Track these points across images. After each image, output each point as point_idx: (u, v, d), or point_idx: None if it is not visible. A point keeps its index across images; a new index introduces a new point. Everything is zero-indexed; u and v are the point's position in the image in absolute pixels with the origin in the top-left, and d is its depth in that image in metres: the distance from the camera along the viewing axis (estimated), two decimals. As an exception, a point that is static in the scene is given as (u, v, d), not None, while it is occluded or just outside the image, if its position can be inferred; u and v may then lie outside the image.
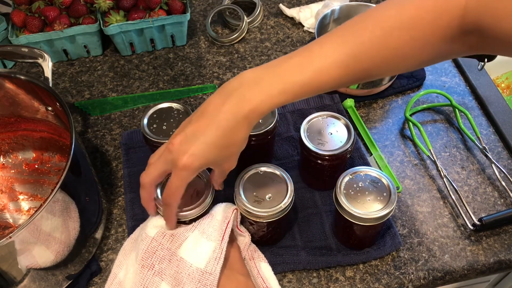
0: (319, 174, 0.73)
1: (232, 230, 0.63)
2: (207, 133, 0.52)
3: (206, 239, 0.60)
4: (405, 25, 0.51)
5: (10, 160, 0.79)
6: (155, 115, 0.71)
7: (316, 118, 0.71)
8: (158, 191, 0.63)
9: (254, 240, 0.69)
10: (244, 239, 0.65)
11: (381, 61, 0.53)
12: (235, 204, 0.63)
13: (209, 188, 0.63)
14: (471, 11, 0.48)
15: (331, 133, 0.69)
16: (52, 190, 0.55)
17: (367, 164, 0.77)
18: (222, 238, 0.60)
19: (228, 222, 0.61)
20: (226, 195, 0.74)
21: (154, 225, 0.62)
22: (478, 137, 0.81)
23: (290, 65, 0.52)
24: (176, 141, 0.54)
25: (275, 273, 0.66)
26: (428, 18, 0.50)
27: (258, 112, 0.52)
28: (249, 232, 0.66)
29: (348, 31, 0.53)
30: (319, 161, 0.69)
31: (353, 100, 0.86)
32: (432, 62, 0.56)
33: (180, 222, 0.62)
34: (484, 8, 0.47)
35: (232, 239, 0.64)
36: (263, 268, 0.65)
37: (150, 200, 0.60)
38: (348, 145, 0.68)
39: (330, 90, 0.55)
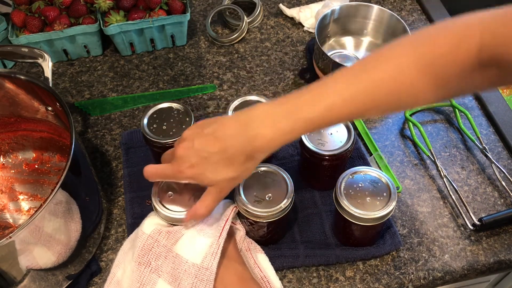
0: (319, 174, 0.73)
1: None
2: (215, 157, 0.55)
3: (202, 236, 0.60)
4: (421, 62, 0.50)
5: (10, 160, 0.79)
6: (155, 115, 0.71)
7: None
8: (158, 192, 0.63)
9: (254, 240, 0.69)
10: (240, 232, 0.65)
11: (397, 98, 0.52)
12: (234, 202, 0.63)
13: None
14: (487, 45, 0.47)
15: (331, 133, 0.69)
16: (52, 190, 0.55)
17: (367, 164, 0.77)
18: (220, 235, 0.60)
19: (227, 220, 0.61)
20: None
21: (151, 223, 0.62)
22: (478, 137, 0.81)
23: (303, 101, 0.53)
24: (182, 147, 0.56)
25: (274, 270, 0.66)
26: (445, 54, 0.49)
27: (269, 148, 0.55)
28: (249, 232, 0.66)
29: (362, 68, 0.53)
30: (319, 161, 0.69)
31: (353, 100, 0.86)
32: (451, 96, 0.55)
33: (176, 221, 0.62)
34: (501, 41, 0.46)
35: (229, 232, 0.64)
36: (259, 259, 0.66)
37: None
38: (348, 145, 0.68)
39: (340, 123, 0.55)
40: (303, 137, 0.68)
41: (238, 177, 0.57)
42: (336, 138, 0.69)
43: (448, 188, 0.75)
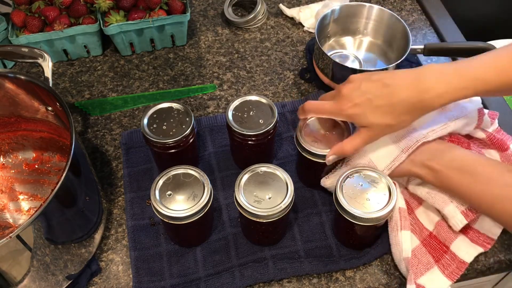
0: (318, 174, 0.73)
1: None
2: (379, 101, 0.58)
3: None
4: None
5: (10, 160, 0.79)
6: (155, 115, 0.71)
7: (315, 118, 0.71)
8: (157, 192, 0.63)
9: (254, 240, 0.69)
10: None
11: None
12: (237, 207, 0.63)
13: (207, 190, 0.63)
14: None
15: (331, 133, 0.69)
16: (52, 190, 0.55)
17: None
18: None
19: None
20: (226, 195, 0.74)
21: None
22: (478, 137, 0.81)
23: (475, 64, 0.56)
24: (349, 87, 0.60)
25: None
26: None
27: (440, 101, 0.58)
28: (249, 232, 0.66)
29: None
30: (318, 161, 0.69)
31: (353, 100, 0.86)
32: None
33: (176, 220, 0.62)
34: None
35: None
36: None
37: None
38: (348, 145, 0.68)
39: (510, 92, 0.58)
40: (301, 137, 0.68)
41: (394, 126, 0.60)
42: (335, 138, 0.69)
43: (448, 188, 0.75)
